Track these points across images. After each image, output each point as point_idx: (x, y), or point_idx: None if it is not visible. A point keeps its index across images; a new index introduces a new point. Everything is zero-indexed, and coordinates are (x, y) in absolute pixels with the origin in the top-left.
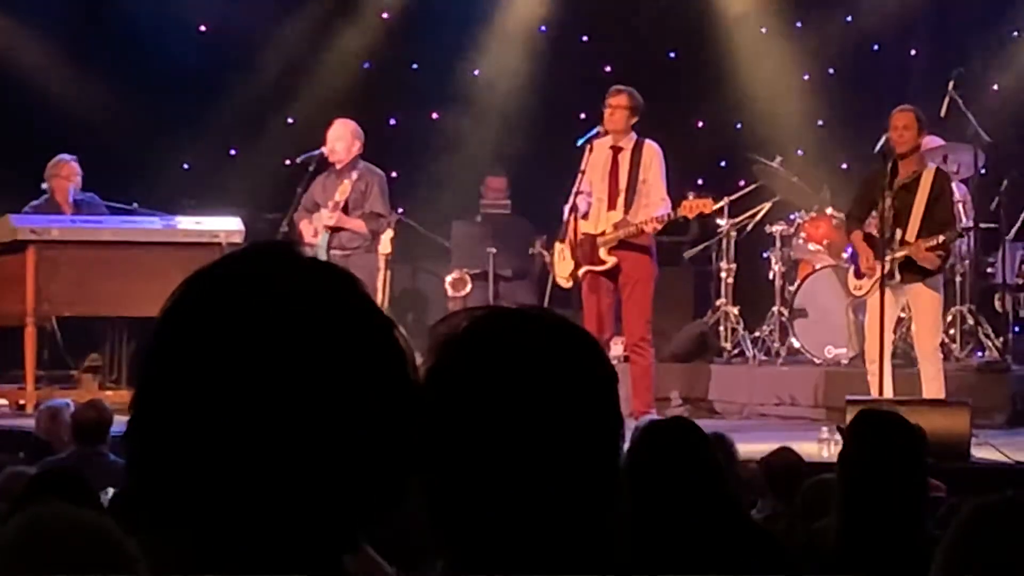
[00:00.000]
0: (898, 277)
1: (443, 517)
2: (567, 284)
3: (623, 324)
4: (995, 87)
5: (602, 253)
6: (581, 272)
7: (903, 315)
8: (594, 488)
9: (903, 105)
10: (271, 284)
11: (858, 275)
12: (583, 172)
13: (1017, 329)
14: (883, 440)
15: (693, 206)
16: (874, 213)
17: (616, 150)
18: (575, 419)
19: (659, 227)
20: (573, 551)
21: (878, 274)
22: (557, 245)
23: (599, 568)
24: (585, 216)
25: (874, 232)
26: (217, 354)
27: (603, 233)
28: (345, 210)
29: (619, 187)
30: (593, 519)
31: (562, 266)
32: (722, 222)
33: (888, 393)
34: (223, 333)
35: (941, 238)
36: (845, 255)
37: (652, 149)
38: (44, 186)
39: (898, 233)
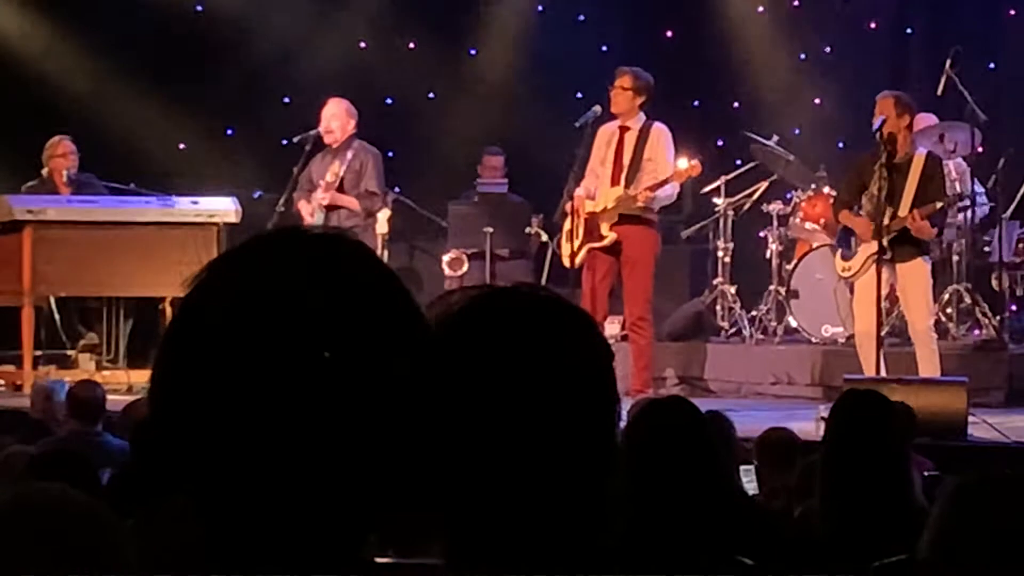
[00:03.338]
0: (890, 253)
1: (439, 497)
2: (572, 264)
3: (624, 302)
4: (992, 66)
5: (603, 229)
6: (584, 251)
7: (898, 294)
8: (590, 466)
9: (884, 91)
10: (294, 269)
11: (845, 257)
12: (591, 154)
13: (1014, 308)
14: (864, 420)
15: (682, 172)
16: (865, 197)
17: (623, 130)
18: (571, 397)
19: (653, 195)
20: (571, 529)
21: (869, 251)
22: (565, 225)
23: (596, 546)
24: (592, 197)
25: (864, 214)
26: (240, 340)
27: (604, 209)
28: (341, 189)
29: (623, 165)
30: (590, 497)
31: (567, 247)
32: (719, 201)
33: (882, 372)
34: (246, 319)
35: (938, 204)
36: (838, 237)
37: (660, 130)
38: (44, 171)
39: (889, 212)
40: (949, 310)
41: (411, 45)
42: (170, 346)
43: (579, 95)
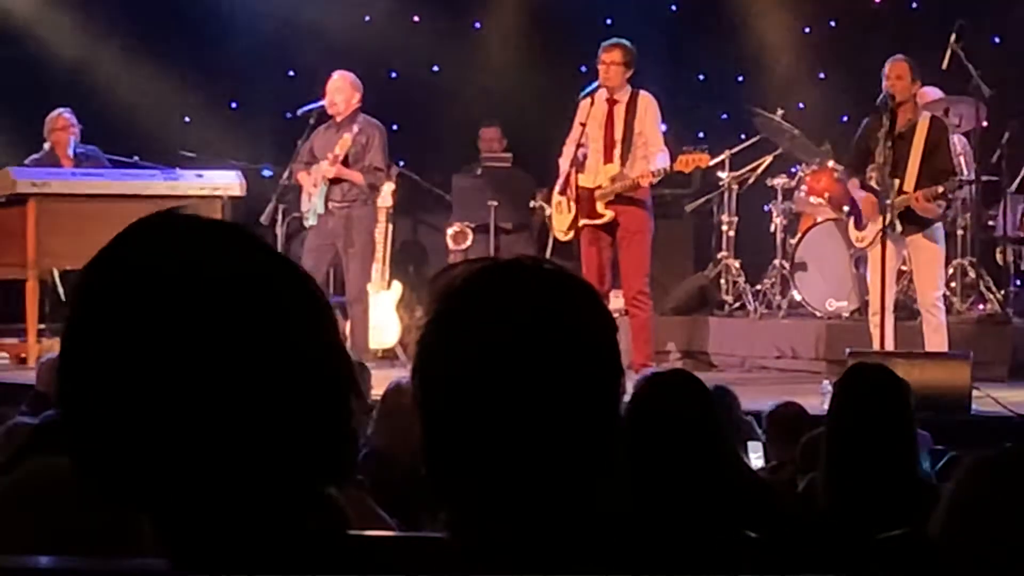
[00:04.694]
0: (899, 228)
1: (443, 469)
2: (565, 237)
3: (621, 278)
4: (996, 40)
5: (599, 207)
6: (579, 225)
7: (904, 268)
8: (594, 438)
9: (896, 55)
10: (180, 251)
11: (859, 226)
12: (583, 124)
13: (1018, 282)
14: (870, 394)
15: (689, 160)
16: (871, 168)
17: (612, 103)
18: (575, 369)
19: (655, 180)
20: (574, 501)
21: (879, 225)
22: (555, 198)
23: (599, 518)
24: (581, 169)
25: (873, 185)
26: (134, 326)
27: (600, 187)
28: (346, 163)
29: (615, 139)
30: (593, 469)
31: (560, 219)
32: (723, 175)
33: (889, 345)
34: (139, 306)
35: (940, 188)
36: (846, 208)
37: (647, 100)
38: (46, 145)
39: (895, 183)
40: (954, 284)
41: (415, 19)
42: (74, 326)
43: (583, 68)
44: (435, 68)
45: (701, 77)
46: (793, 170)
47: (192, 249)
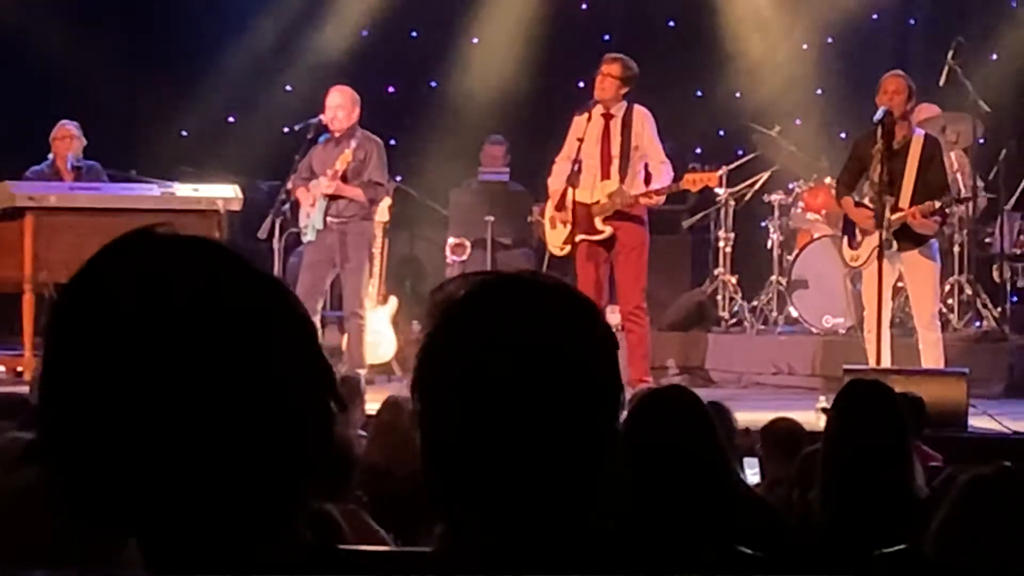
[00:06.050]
0: (895, 246)
1: (442, 482)
2: (561, 253)
3: (617, 293)
4: (994, 57)
5: (597, 223)
6: (576, 240)
7: (900, 284)
8: (592, 453)
9: (894, 71)
10: (156, 268)
11: (852, 246)
12: (579, 140)
13: (1015, 299)
14: (868, 410)
15: (698, 179)
16: (866, 184)
17: (607, 118)
18: (573, 383)
19: (661, 200)
20: (572, 515)
21: (874, 243)
22: (548, 213)
23: (597, 531)
24: (577, 185)
25: (867, 203)
26: (111, 345)
27: (598, 202)
28: (344, 178)
29: (611, 155)
30: (590, 484)
31: (554, 235)
32: (720, 191)
33: (886, 362)
34: (113, 326)
35: (937, 204)
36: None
37: (642, 114)
38: (49, 156)
39: (890, 201)
40: (950, 301)
41: (413, 34)
42: (51, 345)
43: (581, 84)
44: (433, 83)
45: (699, 93)
46: (790, 186)
47: (168, 265)
